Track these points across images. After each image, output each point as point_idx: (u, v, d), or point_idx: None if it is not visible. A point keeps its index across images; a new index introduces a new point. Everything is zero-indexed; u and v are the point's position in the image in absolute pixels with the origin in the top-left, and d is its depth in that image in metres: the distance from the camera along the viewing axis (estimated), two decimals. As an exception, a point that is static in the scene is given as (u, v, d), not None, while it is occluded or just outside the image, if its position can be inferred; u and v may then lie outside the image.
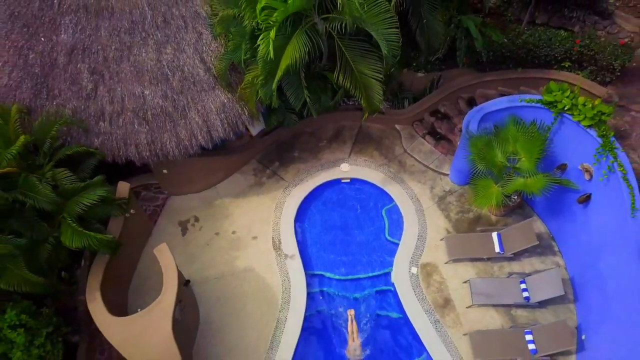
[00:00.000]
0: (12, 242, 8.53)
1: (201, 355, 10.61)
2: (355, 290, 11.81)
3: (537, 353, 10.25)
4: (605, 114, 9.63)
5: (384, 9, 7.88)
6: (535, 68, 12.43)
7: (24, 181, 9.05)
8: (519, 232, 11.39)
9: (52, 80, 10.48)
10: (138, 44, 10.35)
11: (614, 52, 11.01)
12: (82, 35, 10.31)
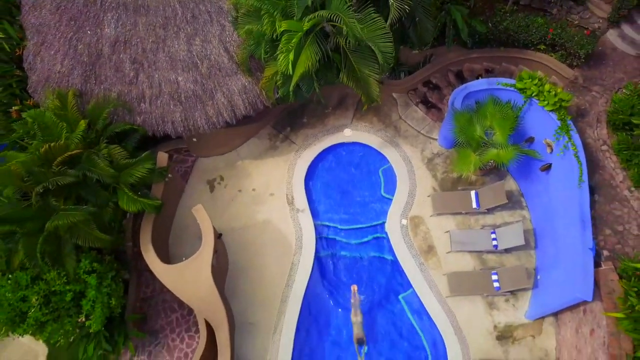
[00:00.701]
0: (84, 209, 10.88)
1: (231, 291, 13.35)
2: (355, 237, 14.37)
3: (500, 290, 12.93)
4: (564, 101, 11.61)
5: (380, 26, 9.64)
6: (516, 48, 14.14)
7: (87, 159, 11.25)
8: (492, 191, 13.70)
9: (98, 68, 12.37)
10: (171, 37, 12.14)
11: (580, 41, 12.69)
12: (123, 29, 12.08)
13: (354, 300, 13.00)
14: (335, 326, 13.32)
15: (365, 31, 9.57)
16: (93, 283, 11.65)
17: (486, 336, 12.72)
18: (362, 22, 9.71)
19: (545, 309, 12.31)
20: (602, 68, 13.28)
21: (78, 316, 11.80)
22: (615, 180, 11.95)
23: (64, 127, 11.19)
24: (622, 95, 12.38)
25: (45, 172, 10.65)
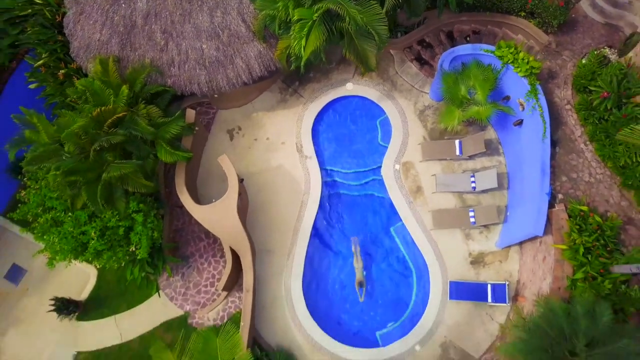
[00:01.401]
0: (132, 162, 13.32)
1: (251, 225, 16.08)
2: (355, 180, 16.92)
3: (476, 224, 15.63)
4: (535, 69, 13.66)
5: (377, 12, 11.49)
6: (500, 14, 15.85)
7: (130, 119, 13.53)
8: (473, 141, 16.05)
9: (133, 37, 14.31)
10: (196, 10, 13.97)
11: (554, 12, 14.40)
12: (154, 3, 13.90)
13: (354, 250, 15.68)
14: (337, 252, 16.22)
15: (364, 17, 11.52)
16: (140, 220, 14.36)
17: (462, 261, 15.60)
18: (361, 7, 11.62)
19: (512, 240, 15.06)
20: (573, 34, 15.11)
21: (128, 246, 14.61)
22: (574, 134, 14.25)
23: (111, 93, 13.36)
24: (586, 61, 14.36)
25: (98, 132, 13.00)
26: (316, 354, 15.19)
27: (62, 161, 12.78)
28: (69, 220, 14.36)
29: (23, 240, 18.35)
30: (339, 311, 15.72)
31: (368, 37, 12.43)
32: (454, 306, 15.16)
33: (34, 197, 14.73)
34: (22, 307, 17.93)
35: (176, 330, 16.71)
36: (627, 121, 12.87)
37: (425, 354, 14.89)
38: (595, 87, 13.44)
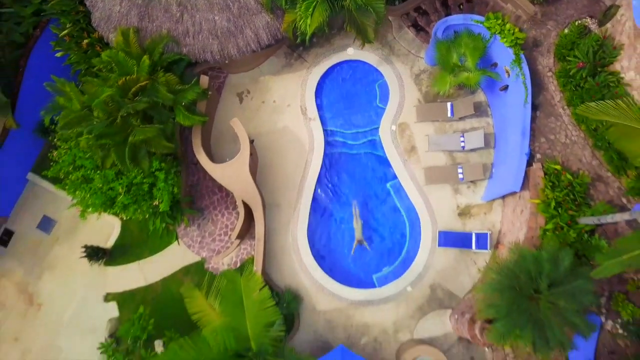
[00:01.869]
0: (155, 127, 14.93)
1: (261, 182, 17.84)
2: (355, 139, 18.56)
3: (464, 180, 17.40)
4: (519, 39, 15.05)
5: (376, -7, 12.86)
6: (491, -17, 17.04)
7: (152, 87, 15.05)
8: (463, 104, 17.57)
9: (151, 9, 15.60)
10: (209, -16, 15.22)
11: (537, -13, 15.66)
12: (170, -22, 15.14)
13: (354, 212, 17.49)
14: (339, 205, 18.09)
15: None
16: (162, 177, 16.17)
17: (450, 213, 17.49)
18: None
19: (495, 194, 16.87)
20: (558, 5, 16.31)
21: (152, 200, 16.47)
22: (554, 99, 15.77)
23: (134, 63, 14.81)
24: (567, 31, 15.68)
25: (124, 100, 14.56)
26: (320, 294, 17.36)
27: (93, 126, 14.38)
28: (98, 177, 16.18)
29: (52, 193, 20.26)
30: (340, 257, 17.79)
31: (367, 13, 13.78)
32: (442, 253, 17.18)
33: (65, 156, 16.47)
34: (54, 254, 20.03)
35: (194, 274, 18.86)
36: (600, 89, 14.40)
37: (415, 294, 17.04)
38: (573, 58, 14.86)
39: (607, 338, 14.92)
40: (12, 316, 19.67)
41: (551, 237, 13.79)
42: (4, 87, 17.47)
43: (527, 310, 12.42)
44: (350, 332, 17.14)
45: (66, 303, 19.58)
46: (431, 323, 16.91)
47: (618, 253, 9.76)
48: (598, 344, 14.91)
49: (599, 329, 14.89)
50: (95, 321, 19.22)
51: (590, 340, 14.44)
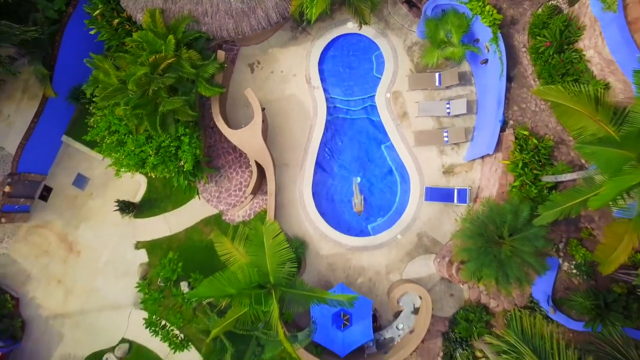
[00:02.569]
0: (182, 98, 17.48)
1: (272, 143, 20.52)
2: (354, 106, 21.12)
3: (448, 142, 20.09)
4: (497, 20, 17.39)
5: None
6: (475, -34, 19.10)
7: (177, 63, 17.50)
8: (450, 74, 20.04)
9: (175, -7, 17.89)
10: (224, -29, 17.42)
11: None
12: (190, -35, 17.32)
13: (355, 188, 20.32)
14: (339, 166, 20.89)
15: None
16: (186, 141, 18.84)
17: (436, 171, 20.27)
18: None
19: (475, 155, 19.58)
20: (533, -13, 18.55)
21: (177, 161, 19.21)
22: (527, 72, 18.23)
23: (162, 43, 17.23)
24: (540, 12, 17.96)
25: (154, 75, 17.07)
26: (322, 241, 20.40)
27: (128, 98, 16.94)
28: (130, 141, 18.87)
29: (84, 154, 23.05)
30: (340, 209, 20.74)
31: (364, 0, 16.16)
32: (428, 206, 20.09)
33: (101, 122, 19.11)
34: (89, 207, 22.99)
35: (212, 224, 21.86)
36: (564, 64, 16.88)
37: (405, 241, 20.07)
38: (541, 38, 17.25)
39: (563, 276, 18.05)
40: (55, 262, 22.83)
41: (516, 192, 16.64)
42: (43, 60, 19.90)
43: (492, 253, 15.39)
44: (348, 273, 20.30)
45: (101, 250, 22.71)
46: (418, 266, 20.03)
47: (553, 205, 12.55)
48: (556, 281, 18.06)
49: (557, 269, 18.01)
50: (128, 266, 22.40)
51: (549, 277, 17.65)
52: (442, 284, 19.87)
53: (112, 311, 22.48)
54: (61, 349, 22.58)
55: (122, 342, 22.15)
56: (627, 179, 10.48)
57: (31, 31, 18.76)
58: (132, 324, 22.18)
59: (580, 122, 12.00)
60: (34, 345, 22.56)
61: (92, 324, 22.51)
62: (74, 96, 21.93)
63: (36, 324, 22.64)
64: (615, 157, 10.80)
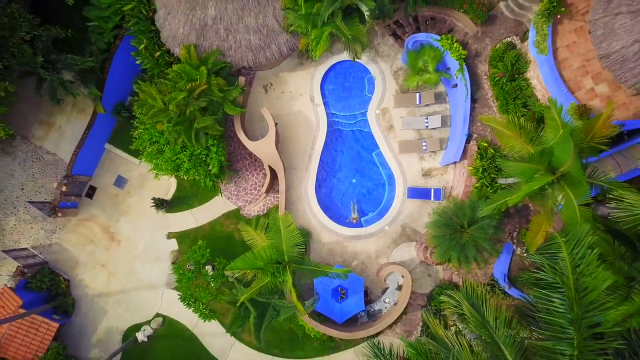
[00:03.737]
0: (211, 117, 22.34)
1: (282, 151, 25.33)
2: (349, 120, 26.01)
3: (427, 150, 25.00)
4: (462, 54, 22.23)
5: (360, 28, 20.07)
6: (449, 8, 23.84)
7: (208, 89, 22.35)
8: (428, 95, 24.89)
9: (205, 32, 22.67)
10: (246, 15, 22.20)
11: (478, 14, 22.50)
12: (219, 11, 22.09)
13: (353, 207, 25.14)
14: (338, 169, 25.78)
15: (353, 32, 20.10)
16: (214, 150, 23.69)
17: (417, 174, 25.14)
18: (350, 26, 20.17)
19: (448, 161, 24.45)
20: (493, 26, 23.27)
21: (206, 166, 24.08)
22: (487, 95, 23.07)
23: (197, 73, 22.09)
24: (498, 47, 22.79)
25: (190, 99, 21.92)
26: (324, 231, 25.32)
27: (170, 117, 21.82)
28: (168, 150, 23.74)
29: (123, 159, 27.94)
30: (338, 205, 25.67)
31: (356, 42, 21.04)
32: (410, 202, 25.00)
33: (145, 134, 23.98)
34: (128, 204, 27.89)
35: (232, 218, 26.76)
36: (515, 90, 21.73)
37: (391, 231, 24.99)
38: (496, 69, 22.15)
39: (517, 259, 22.97)
40: (99, 249, 27.77)
41: (476, 192, 21.57)
42: (97, 83, 24.79)
43: (456, 239, 20.24)
44: (345, 257, 25.24)
45: (138, 239, 27.64)
46: (401, 251, 24.96)
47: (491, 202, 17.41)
48: (511, 263, 22.98)
49: (512, 253, 22.94)
50: (161, 253, 27.32)
51: (505, 260, 22.58)
52: (421, 266, 24.80)
53: (148, 290, 27.43)
54: (105, 323, 27.55)
55: (156, 316, 27.10)
56: (535, 183, 15.38)
57: (89, 61, 23.69)
58: (164, 301, 27.15)
59: (510, 142, 16.90)
60: (83, 320, 27.53)
61: (131, 301, 27.46)
62: (116, 111, 26.82)
63: (84, 301, 27.61)
64: (528, 169, 15.72)
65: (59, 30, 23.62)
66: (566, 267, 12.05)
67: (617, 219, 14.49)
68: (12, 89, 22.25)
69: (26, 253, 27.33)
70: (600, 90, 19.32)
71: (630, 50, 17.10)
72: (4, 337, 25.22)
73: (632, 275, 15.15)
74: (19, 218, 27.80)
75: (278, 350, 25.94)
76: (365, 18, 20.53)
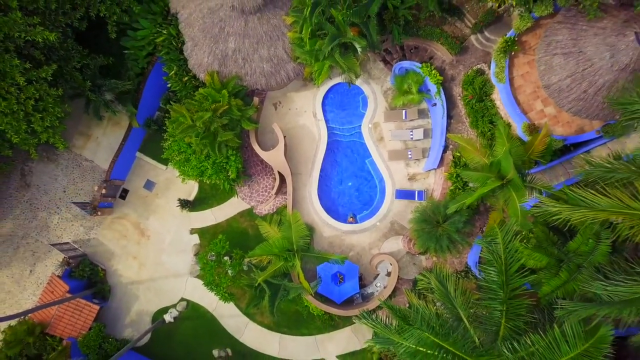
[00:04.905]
0: (232, 132, 27.49)
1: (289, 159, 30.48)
2: (346, 132, 31.22)
3: (412, 158, 30.20)
4: (439, 80, 27.42)
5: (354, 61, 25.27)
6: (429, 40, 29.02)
7: (229, 109, 27.53)
8: (413, 111, 30.07)
9: (226, 61, 27.83)
10: (260, 47, 27.37)
11: (452, 46, 27.73)
12: (238, 44, 27.29)
13: (350, 216, 30.31)
14: (337, 174, 30.99)
15: (348, 63, 25.34)
16: (232, 158, 28.87)
17: (403, 178, 30.33)
18: (346, 60, 25.40)
19: (430, 167, 29.65)
20: (466, 55, 28.46)
21: (226, 172, 29.26)
22: (461, 113, 28.26)
23: (219, 96, 27.24)
24: (469, 73, 27.96)
25: (214, 117, 27.08)
26: (325, 227, 30.51)
27: (197, 132, 26.97)
28: (194, 159, 28.90)
29: (152, 165, 33.10)
30: (337, 204, 30.89)
31: (350, 71, 26.28)
32: (398, 202, 30.19)
33: (174, 146, 29.14)
34: (156, 204, 33.07)
35: (246, 216, 31.93)
36: (482, 110, 26.90)
37: (382, 226, 30.20)
38: (467, 92, 27.34)
39: (486, 249, 28.10)
40: (131, 243, 32.94)
41: (450, 194, 26.77)
42: (133, 102, 29.99)
43: (432, 232, 25.41)
44: (342, 249, 30.44)
45: (165, 235, 32.81)
46: (390, 243, 30.15)
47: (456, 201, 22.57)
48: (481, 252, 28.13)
49: (482, 243, 28.09)
50: (184, 246, 32.49)
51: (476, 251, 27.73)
52: (407, 256, 29.98)
53: (174, 278, 32.60)
54: (137, 306, 32.71)
55: (181, 300, 32.26)
56: (487, 187, 20.60)
57: (128, 84, 28.92)
58: (188, 287, 32.31)
59: (470, 155, 22.13)
60: (118, 304, 32.70)
61: (159, 287, 32.63)
62: (146, 124, 32.00)
63: (119, 288, 32.78)
64: (482, 176, 20.95)
65: (102, 58, 28.84)
66: (499, 249, 17.12)
67: (536, 214, 19.54)
68: (70, 110, 27.42)
69: (68, 246, 32.50)
70: (548, 112, 24.47)
71: (564, 83, 22.31)
72: (53, 317, 30.39)
73: (561, 258, 20.36)
74: (61, 217, 33.01)
75: (286, 328, 31.13)
76: (359, 52, 25.73)
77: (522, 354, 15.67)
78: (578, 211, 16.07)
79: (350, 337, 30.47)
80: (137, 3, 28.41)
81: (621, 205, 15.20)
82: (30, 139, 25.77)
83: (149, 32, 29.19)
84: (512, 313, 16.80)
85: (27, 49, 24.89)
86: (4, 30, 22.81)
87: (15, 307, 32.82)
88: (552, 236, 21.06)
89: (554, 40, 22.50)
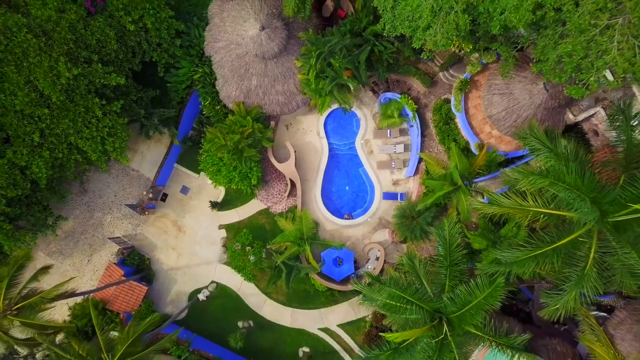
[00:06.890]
0: (255, 150, 36.99)
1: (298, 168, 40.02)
2: (344, 147, 40.78)
3: (395, 166, 39.76)
4: (415, 108, 36.97)
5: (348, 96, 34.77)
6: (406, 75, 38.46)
7: (253, 132, 37.04)
8: (395, 130, 39.64)
9: (250, 94, 37.26)
10: (277, 83, 36.81)
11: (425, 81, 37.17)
12: (259, 81, 36.76)
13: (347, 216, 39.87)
14: (337, 179, 40.60)
15: (343, 98, 34.95)
16: (254, 169, 38.38)
17: (389, 183, 39.81)
18: (342, 95, 35.01)
19: (410, 174, 39.17)
20: (436, 87, 37.86)
21: (249, 180, 38.79)
22: (432, 132, 37.69)
23: (245, 122, 36.75)
24: (438, 102, 37.42)
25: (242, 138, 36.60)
26: (327, 222, 40.05)
27: (228, 150, 36.42)
28: (224, 169, 38.41)
29: (187, 174, 42.58)
30: (337, 204, 40.52)
31: (345, 103, 35.87)
32: (385, 202, 39.70)
33: (208, 159, 38.66)
34: (191, 205, 42.59)
35: (264, 214, 41.44)
36: (447, 131, 36.42)
37: (372, 221, 39.77)
38: (435, 118, 36.86)
39: (452, 238, 37.77)
40: (170, 238, 42.48)
41: (422, 195, 36.34)
42: (175, 125, 39.57)
43: (409, 225, 34.92)
44: (341, 240, 39.97)
45: (198, 230, 42.31)
46: (379, 235, 39.72)
47: (422, 201, 32.04)
48: (449, 240, 37.77)
49: (449, 234, 37.75)
50: (214, 239, 42.00)
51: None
52: (392, 245, 39.54)
53: (205, 265, 42.08)
54: (175, 288, 42.21)
55: (211, 283, 41.71)
56: (443, 191, 30.18)
57: (172, 112, 38.52)
58: (217, 272, 41.76)
59: (433, 167, 31.71)
60: (160, 286, 42.20)
61: (193, 273, 42.09)
62: (184, 141, 41.54)
63: (161, 273, 42.26)
64: (439, 183, 30.49)
65: (152, 91, 38.45)
66: (445, 233, 26.68)
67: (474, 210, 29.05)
68: (131, 133, 37.01)
69: (119, 240, 42.00)
70: (494, 134, 33.97)
71: (501, 114, 31.89)
72: (112, 295, 39.93)
73: (494, 240, 29.97)
74: (113, 216, 42.54)
75: (297, 304, 40.67)
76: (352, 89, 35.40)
77: (455, 299, 25.26)
78: (491, 208, 25.50)
79: (348, 310, 40.03)
80: (179, 48, 37.94)
81: (516, 204, 24.61)
82: (103, 157, 35.27)
83: (188, 70, 38.71)
84: (452, 275, 26.38)
85: (101, 89, 34.44)
86: (89, 77, 32.37)
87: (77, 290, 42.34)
88: (490, 226, 30.67)
89: (493, 83, 32.10)
